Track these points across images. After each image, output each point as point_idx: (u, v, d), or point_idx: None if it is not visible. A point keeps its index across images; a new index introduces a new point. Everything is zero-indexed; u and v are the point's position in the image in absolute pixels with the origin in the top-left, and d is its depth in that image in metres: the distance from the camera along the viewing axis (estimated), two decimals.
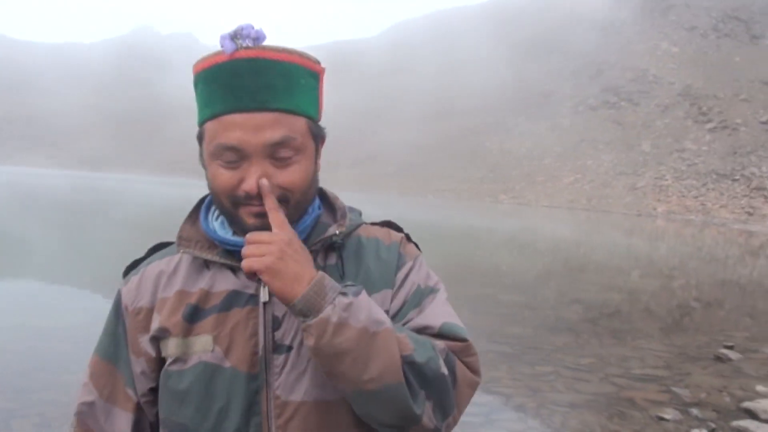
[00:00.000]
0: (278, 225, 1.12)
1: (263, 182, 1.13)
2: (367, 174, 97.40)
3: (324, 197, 1.34)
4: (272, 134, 1.13)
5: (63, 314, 8.56)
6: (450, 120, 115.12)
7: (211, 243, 1.25)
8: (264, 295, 1.18)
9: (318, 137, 1.23)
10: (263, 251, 1.09)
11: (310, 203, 1.26)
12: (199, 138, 1.21)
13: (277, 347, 1.19)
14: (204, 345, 1.19)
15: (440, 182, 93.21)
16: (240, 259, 1.13)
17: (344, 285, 1.13)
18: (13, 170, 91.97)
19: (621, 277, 16.67)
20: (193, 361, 1.20)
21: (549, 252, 23.44)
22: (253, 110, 1.13)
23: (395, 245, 1.31)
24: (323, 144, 1.26)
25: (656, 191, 75.39)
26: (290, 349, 1.19)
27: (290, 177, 1.16)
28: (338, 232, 1.25)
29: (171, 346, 1.21)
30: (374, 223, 1.37)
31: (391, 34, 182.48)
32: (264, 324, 1.19)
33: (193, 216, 1.31)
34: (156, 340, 1.24)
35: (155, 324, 1.23)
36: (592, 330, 9.61)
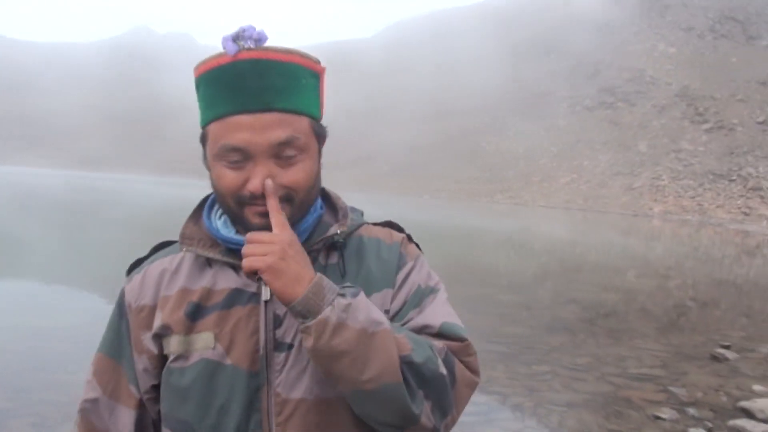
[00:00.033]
0: (279, 226, 1.13)
1: (267, 183, 1.13)
2: (364, 174, 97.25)
3: (326, 197, 1.35)
4: (277, 134, 1.14)
5: (61, 314, 8.55)
6: (447, 120, 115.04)
7: (214, 241, 1.26)
8: (265, 294, 1.18)
9: (320, 136, 1.24)
10: (265, 251, 1.10)
11: (314, 202, 1.27)
12: (203, 139, 1.21)
13: (278, 345, 1.20)
14: (206, 342, 1.20)
15: (437, 182, 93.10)
16: (242, 258, 1.14)
17: (342, 286, 1.13)
18: (11, 170, 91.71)
19: (617, 277, 16.68)
20: (195, 359, 1.21)
21: (545, 252, 23.45)
22: (258, 111, 1.13)
23: (396, 245, 1.32)
24: (324, 143, 1.27)
25: (653, 191, 75.37)
26: (291, 347, 1.20)
27: (294, 176, 1.17)
28: (340, 232, 1.26)
29: (173, 344, 1.22)
30: (376, 224, 1.38)
31: (388, 34, 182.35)
32: (265, 322, 1.20)
33: (196, 215, 1.32)
34: (158, 338, 1.25)
35: (158, 321, 1.24)
36: (589, 330, 9.62)
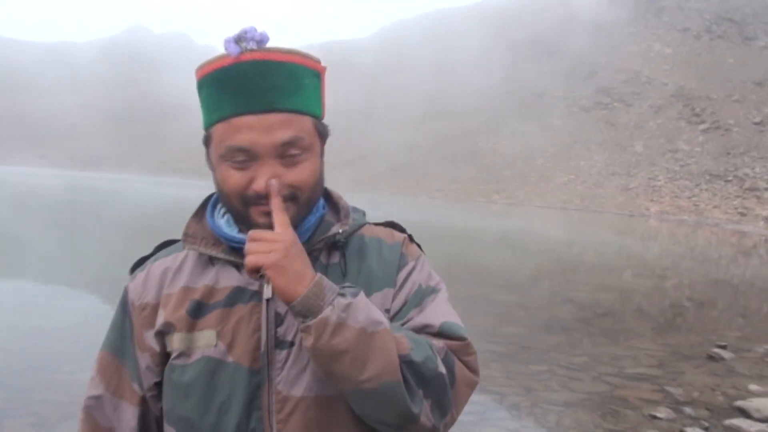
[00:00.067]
0: (282, 225, 1.14)
1: (272, 182, 1.14)
2: (360, 174, 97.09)
3: (328, 197, 1.35)
4: (282, 134, 1.15)
5: (58, 314, 8.52)
6: (443, 120, 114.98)
7: (217, 240, 1.27)
8: (267, 292, 1.19)
9: (323, 135, 1.25)
10: (269, 248, 1.10)
11: (318, 201, 1.27)
12: (206, 141, 1.22)
13: (280, 343, 1.20)
14: (207, 340, 1.21)
15: (433, 182, 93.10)
16: (244, 257, 1.14)
17: (342, 286, 1.14)
18: (10, 170, 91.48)
19: (614, 277, 16.70)
20: (197, 356, 1.21)
21: (542, 252, 23.45)
22: (262, 112, 1.14)
23: (398, 245, 1.33)
24: (326, 142, 1.27)
25: (649, 192, 75.50)
26: (292, 345, 1.20)
27: (299, 175, 1.18)
28: (341, 231, 1.27)
29: (175, 341, 1.23)
30: (378, 224, 1.39)
31: (385, 34, 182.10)
32: (267, 320, 1.21)
33: (200, 213, 1.33)
34: (161, 335, 1.26)
35: (160, 319, 1.25)
36: (585, 329, 9.64)
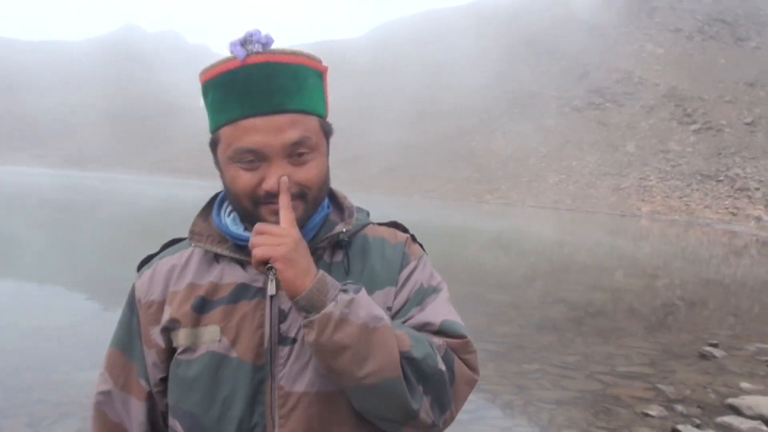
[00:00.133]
0: (289, 223, 1.16)
1: (283, 179, 1.16)
2: (354, 174, 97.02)
3: (333, 196, 1.37)
4: (290, 135, 1.17)
5: (53, 314, 8.49)
6: (436, 120, 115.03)
7: (222, 237, 1.29)
8: (271, 289, 1.20)
9: (328, 134, 1.27)
10: (278, 241, 1.12)
11: (324, 199, 1.30)
12: (213, 144, 1.24)
13: (283, 339, 1.22)
14: (212, 335, 1.23)
15: (426, 182, 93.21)
16: (249, 254, 1.16)
17: (344, 283, 1.16)
18: (8, 170, 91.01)
19: (605, 277, 16.76)
20: (201, 351, 1.23)
21: (534, 252, 23.51)
22: (269, 113, 1.16)
23: (400, 245, 1.35)
24: (330, 140, 1.29)
25: (640, 192, 75.81)
26: (295, 342, 1.22)
27: (308, 174, 1.20)
28: (345, 230, 1.29)
29: (181, 336, 1.25)
30: (381, 224, 1.42)
31: (378, 34, 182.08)
32: (270, 316, 1.23)
33: (206, 211, 1.35)
34: (167, 331, 1.28)
35: (166, 316, 1.27)
36: (578, 329, 9.68)
